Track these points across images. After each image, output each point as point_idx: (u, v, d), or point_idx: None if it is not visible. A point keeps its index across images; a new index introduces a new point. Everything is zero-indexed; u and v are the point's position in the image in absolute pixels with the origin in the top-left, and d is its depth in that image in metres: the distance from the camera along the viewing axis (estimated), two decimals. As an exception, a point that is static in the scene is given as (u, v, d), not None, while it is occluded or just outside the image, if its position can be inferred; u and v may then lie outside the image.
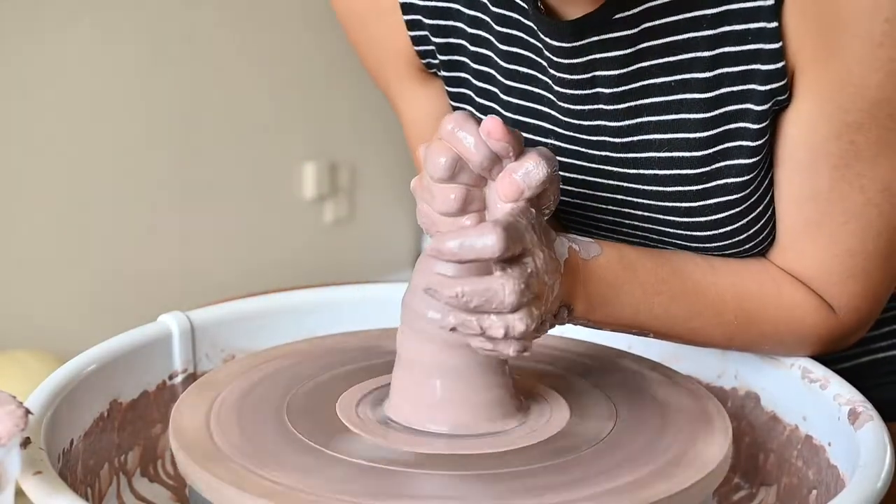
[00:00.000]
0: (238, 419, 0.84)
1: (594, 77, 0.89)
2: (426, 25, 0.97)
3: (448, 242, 0.75)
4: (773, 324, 0.91)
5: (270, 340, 1.02)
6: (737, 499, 0.97)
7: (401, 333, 0.84)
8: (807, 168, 0.85)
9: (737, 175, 0.87)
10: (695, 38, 0.84)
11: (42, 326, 2.23)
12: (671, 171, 0.88)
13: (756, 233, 0.89)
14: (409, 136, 1.06)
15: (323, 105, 2.65)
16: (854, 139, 0.83)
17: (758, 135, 0.85)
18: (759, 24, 0.82)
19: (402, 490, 0.76)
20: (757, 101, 0.84)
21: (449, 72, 0.99)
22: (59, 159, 2.23)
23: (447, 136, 0.80)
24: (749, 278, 0.90)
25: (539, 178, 0.80)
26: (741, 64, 0.84)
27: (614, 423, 0.85)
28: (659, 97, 0.87)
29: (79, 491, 0.87)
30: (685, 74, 0.86)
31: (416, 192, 0.83)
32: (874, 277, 0.89)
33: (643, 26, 0.85)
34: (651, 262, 0.88)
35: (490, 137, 0.79)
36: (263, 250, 2.62)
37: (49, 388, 0.86)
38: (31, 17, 2.13)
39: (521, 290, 0.75)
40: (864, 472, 0.78)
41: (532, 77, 0.93)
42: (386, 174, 2.79)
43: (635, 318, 0.87)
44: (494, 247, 0.74)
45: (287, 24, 2.56)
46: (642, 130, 0.89)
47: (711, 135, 0.86)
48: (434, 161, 0.80)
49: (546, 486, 0.76)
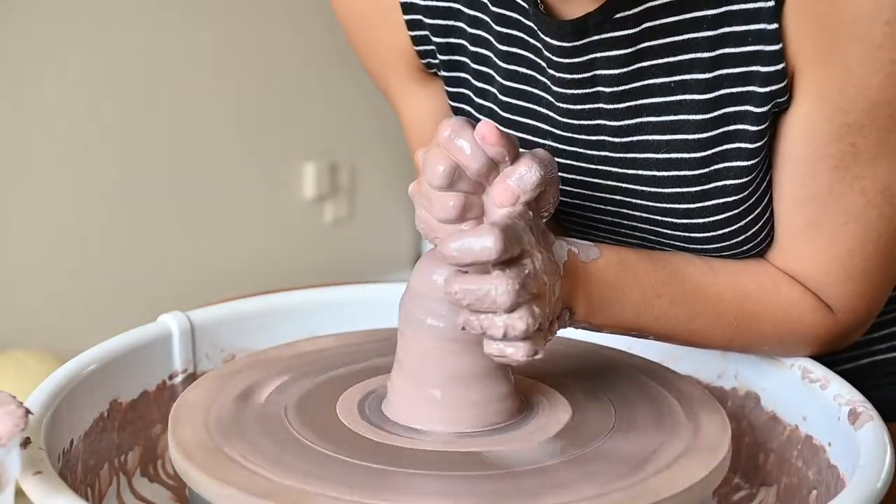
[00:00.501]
0: (237, 419, 0.84)
1: (595, 76, 0.89)
2: (426, 25, 0.97)
3: (448, 244, 0.76)
4: (773, 324, 0.91)
5: (270, 340, 1.02)
6: (737, 499, 0.97)
7: (400, 336, 0.84)
8: (806, 169, 0.85)
9: (735, 177, 0.87)
10: (695, 39, 0.84)
11: (42, 326, 2.23)
12: (670, 172, 0.88)
13: (755, 234, 0.89)
14: (408, 136, 1.06)
15: (323, 105, 2.65)
16: (854, 141, 0.83)
17: (757, 137, 0.85)
18: (760, 25, 0.82)
19: (401, 490, 0.76)
20: (756, 102, 0.84)
21: (449, 72, 0.99)
22: (59, 159, 2.24)
23: (444, 143, 0.80)
24: (748, 279, 0.90)
25: (533, 182, 0.80)
26: (741, 65, 0.84)
27: (613, 423, 0.85)
28: (659, 97, 0.87)
29: (79, 491, 0.87)
30: (685, 75, 0.86)
31: (415, 198, 0.83)
32: (873, 278, 0.89)
33: (644, 26, 0.85)
34: (650, 265, 0.88)
35: (485, 142, 0.79)
36: (263, 250, 2.62)
37: (49, 388, 0.86)
38: (32, 18, 2.13)
39: (515, 290, 0.75)
40: (864, 472, 0.78)
41: (530, 77, 0.93)
42: (386, 174, 2.79)
43: (636, 321, 0.87)
44: (492, 249, 0.74)
45: (287, 24, 2.56)
46: (641, 131, 0.89)
47: (710, 136, 0.86)
48: (433, 169, 0.80)
49: (545, 486, 0.76)
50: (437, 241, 0.82)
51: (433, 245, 0.83)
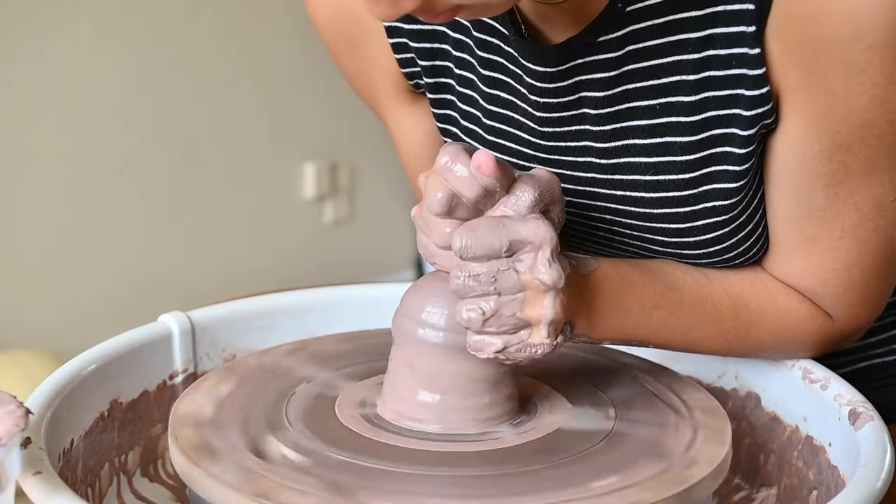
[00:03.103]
0: (237, 419, 0.84)
1: (581, 98, 0.88)
2: (412, 48, 0.97)
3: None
4: (770, 332, 0.91)
5: (270, 340, 1.02)
6: (737, 499, 0.97)
7: (396, 347, 0.85)
8: (800, 187, 0.85)
9: (724, 197, 0.86)
10: (680, 62, 0.84)
11: (42, 326, 2.23)
12: (658, 193, 0.88)
13: (747, 248, 0.89)
14: (399, 150, 1.07)
15: (323, 105, 2.65)
16: (845, 159, 0.82)
17: (744, 158, 0.84)
18: (742, 49, 0.81)
19: (400, 490, 0.76)
20: (743, 125, 0.83)
21: (435, 94, 0.98)
22: (59, 159, 2.24)
23: (441, 171, 0.80)
24: (743, 289, 0.90)
25: (528, 203, 0.80)
26: (726, 88, 0.83)
27: (613, 423, 0.85)
28: (645, 120, 0.87)
29: (79, 491, 0.87)
30: (671, 97, 0.85)
31: (417, 222, 0.84)
32: (872, 288, 0.89)
33: (628, 48, 0.85)
34: (648, 276, 0.88)
35: (480, 171, 0.79)
36: (264, 250, 2.62)
37: (49, 388, 0.86)
38: (31, 18, 2.13)
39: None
40: (863, 472, 0.78)
41: (511, 103, 0.93)
42: (386, 174, 2.79)
43: (635, 332, 0.88)
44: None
45: (287, 24, 2.56)
46: (628, 153, 0.88)
47: (697, 158, 0.86)
48: (431, 196, 0.80)
49: (543, 487, 0.76)
50: (437, 265, 0.83)
51: (434, 267, 0.84)
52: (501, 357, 0.80)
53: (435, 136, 1.02)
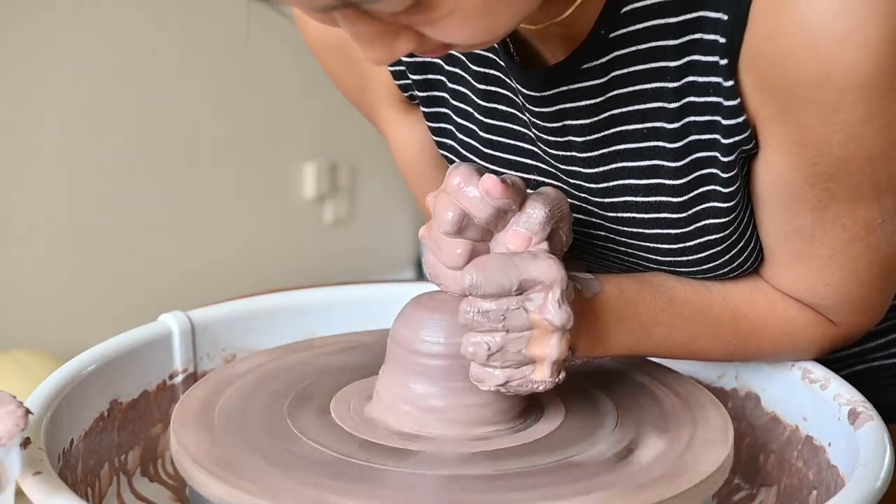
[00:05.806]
0: (237, 419, 0.84)
1: (565, 126, 0.88)
2: (403, 62, 0.97)
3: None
4: (770, 340, 0.91)
5: (270, 340, 1.02)
6: (737, 499, 0.97)
7: (386, 368, 0.85)
8: (787, 209, 0.84)
9: (716, 217, 0.86)
10: (662, 88, 0.83)
11: (42, 326, 2.23)
12: (652, 214, 0.88)
13: (742, 262, 0.89)
14: (397, 158, 1.07)
15: (323, 105, 2.65)
16: (827, 186, 0.81)
17: (729, 182, 0.84)
18: (718, 78, 0.80)
19: (399, 489, 0.76)
20: (723, 151, 0.82)
21: (429, 107, 0.98)
22: (59, 159, 2.23)
23: (453, 192, 0.80)
24: (743, 299, 0.90)
25: (540, 220, 0.80)
26: (706, 114, 0.82)
27: (614, 423, 0.85)
28: (632, 143, 0.86)
29: (79, 491, 0.87)
30: (655, 122, 0.84)
31: (425, 241, 0.83)
32: (873, 297, 0.89)
33: (612, 75, 0.84)
34: (649, 294, 0.88)
35: (489, 196, 0.79)
36: (263, 250, 2.62)
37: (49, 388, 0.86)
38: (31, 18, 2.13)
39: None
40: (863, 471, 0.78)
41: (511, 115, 0.92)
42: (386, 174, 2.79)
43: (635, 347, 0.88)
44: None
45: (287, 24, 2.56)
46: (618, 176, 0.88)
47: (686, 181, 0.85)
48: (442, 215, 0.80)
49: (542, 487, 0.76)
50: (442, 287, 0.83)
51: (439, 287, 0.84)
52: (503, 390, 0.80)
53: (431, 144, 1.02)
